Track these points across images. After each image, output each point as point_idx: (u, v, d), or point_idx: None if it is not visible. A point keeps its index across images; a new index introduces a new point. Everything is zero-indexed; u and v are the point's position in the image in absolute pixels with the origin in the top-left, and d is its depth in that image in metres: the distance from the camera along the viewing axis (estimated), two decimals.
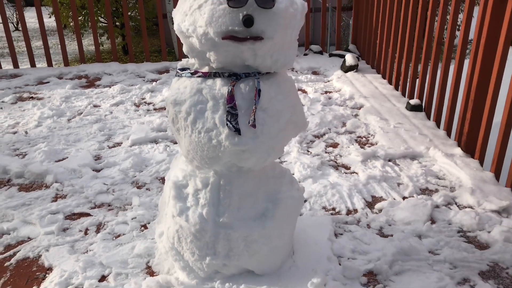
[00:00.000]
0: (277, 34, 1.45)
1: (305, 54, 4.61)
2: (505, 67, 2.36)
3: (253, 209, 1.67)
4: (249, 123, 1.50)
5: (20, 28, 6.30)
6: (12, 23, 16.40)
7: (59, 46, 4.53)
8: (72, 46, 8.54)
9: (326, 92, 3.70)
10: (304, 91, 3.73)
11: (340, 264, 1.80)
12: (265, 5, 1.41)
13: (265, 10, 1.42)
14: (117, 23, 12.65)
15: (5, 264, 1.87)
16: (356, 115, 3.25)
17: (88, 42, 10.68)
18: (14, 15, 14.86)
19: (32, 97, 3.74)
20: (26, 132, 3.09)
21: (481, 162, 2.55)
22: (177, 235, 1.69)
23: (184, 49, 1.58)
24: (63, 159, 2.71)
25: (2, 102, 3.64)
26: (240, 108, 1.52)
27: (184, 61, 1.65)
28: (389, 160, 2.63)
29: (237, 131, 1.50)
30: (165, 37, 4.60)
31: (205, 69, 1.59)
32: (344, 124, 3.12)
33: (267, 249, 1.69)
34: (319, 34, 9.47)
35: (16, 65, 4.46)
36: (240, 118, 1.51)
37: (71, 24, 13.46)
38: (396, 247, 1.88)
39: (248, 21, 1.39)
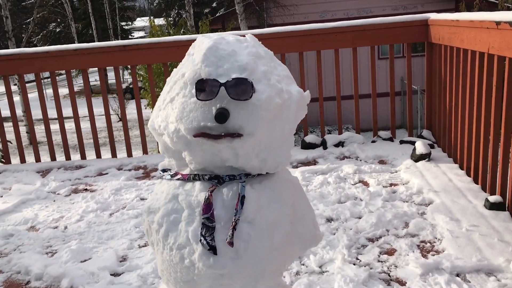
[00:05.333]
0: (259, 129, 1.17)
1: (373, 141, 4.23)
2: None
3: None
4: (226, 239, 1.19)
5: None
6: (117, 114, 17.99)
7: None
8: None
9: (390, 185, 3.26)
10: (365, 184, 3.32)
11: None
12: (239, 96, 1.15)
13: (242, 102, 1.16)
14: None
15: None
16: (422, 214, 2.77)
17: None
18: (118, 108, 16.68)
19: (86, 189, 3.74)
20: (66, 227, 3.01)
21: None
22: None
23: (160, 148, 1.35)
24: (88, 259, 2.54)
25: (58, 194, 3.67)
26: (219, 219, 1.22)
27: (166, 160, 1.42)
28: (457, 275, 2.11)
29: (212, 249, 1.19)
30: None
31: (186, 171, 1.33)
32: (406, 225, 2.65)
33: None
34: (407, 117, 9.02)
35: (83, 156, 4.60)
36: (218, 232, 1.21)
37: None
38: None
39: (220, 116, 1.14)
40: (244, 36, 1.34)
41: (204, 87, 1.17)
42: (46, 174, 4.20)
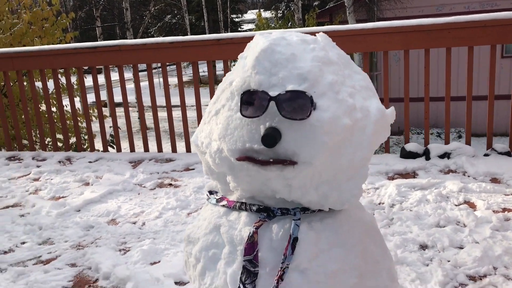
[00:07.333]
0: (318, 158, 0.91)
1: (486, 155, 3.68)
2: None
3: None
4: None
5: None
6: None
7: None
8: None
9: (503, 210, 2.77)
10: (471, 206, 2.86)
11: None
12: (293, 115, 0.90)
13: (297, 122, 0.90)
14: None
15: None
16: None
17: None
18: None
19: (171, 184, 3.71)
20: (143, 224, 2.97)
21: None
22: None
23: (203, 169, 1.14)
24: (157, 262, 2.45)
25: (143, 187, 3.67)
26: (265, 263, 0.99)
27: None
28: None
29: None
30: None
31: (234, 197, 1.11)
32: None
33: None
34: None
35: (174, 149, 4.61)
36: (262, 280, 0.98)
37: None
38: None
39: (268, 138, 0.89)
40: (315, 34, 1.08)
41: (252, 100, 0.94)
42: (137, 165, 4.26)
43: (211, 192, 1.19)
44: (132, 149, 4.76)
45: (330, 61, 0.99)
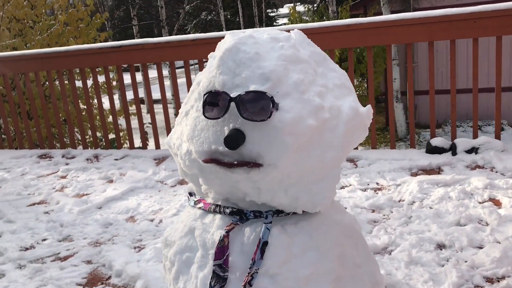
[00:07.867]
0: (282, 159, 0.88)
1: None
2: None
3: None
4: None
5: None
6: None
7: None
8: None
9: None
10: (496, 203, 2.73)
11: None
12: (254, 116, 0.87)
13: (258, 123, 0.87)
14: None
15: None
16: None
17: None
18: None
19: None
20: (161, 221, 3.00)
21: None
22: None
23: (179, 171, 1.13)
24: None
25: (165, 184, 3.71)
26: (235, 268, 0.97)
27: None
28: None
29: None
30: None
31: (210, 199, 1.09)
32: None
33: None
34: None
35: None
36: (231, 285, 0.96)
37: None
38: None
39: (230, 141, 0.87)
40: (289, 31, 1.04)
41: (216, 101, 0.91)
42: (161, 163, 4.31)
43: (191, 194, 1.18)
44: (158, 146, 4.81)
45: (299, 59, 0.95)
